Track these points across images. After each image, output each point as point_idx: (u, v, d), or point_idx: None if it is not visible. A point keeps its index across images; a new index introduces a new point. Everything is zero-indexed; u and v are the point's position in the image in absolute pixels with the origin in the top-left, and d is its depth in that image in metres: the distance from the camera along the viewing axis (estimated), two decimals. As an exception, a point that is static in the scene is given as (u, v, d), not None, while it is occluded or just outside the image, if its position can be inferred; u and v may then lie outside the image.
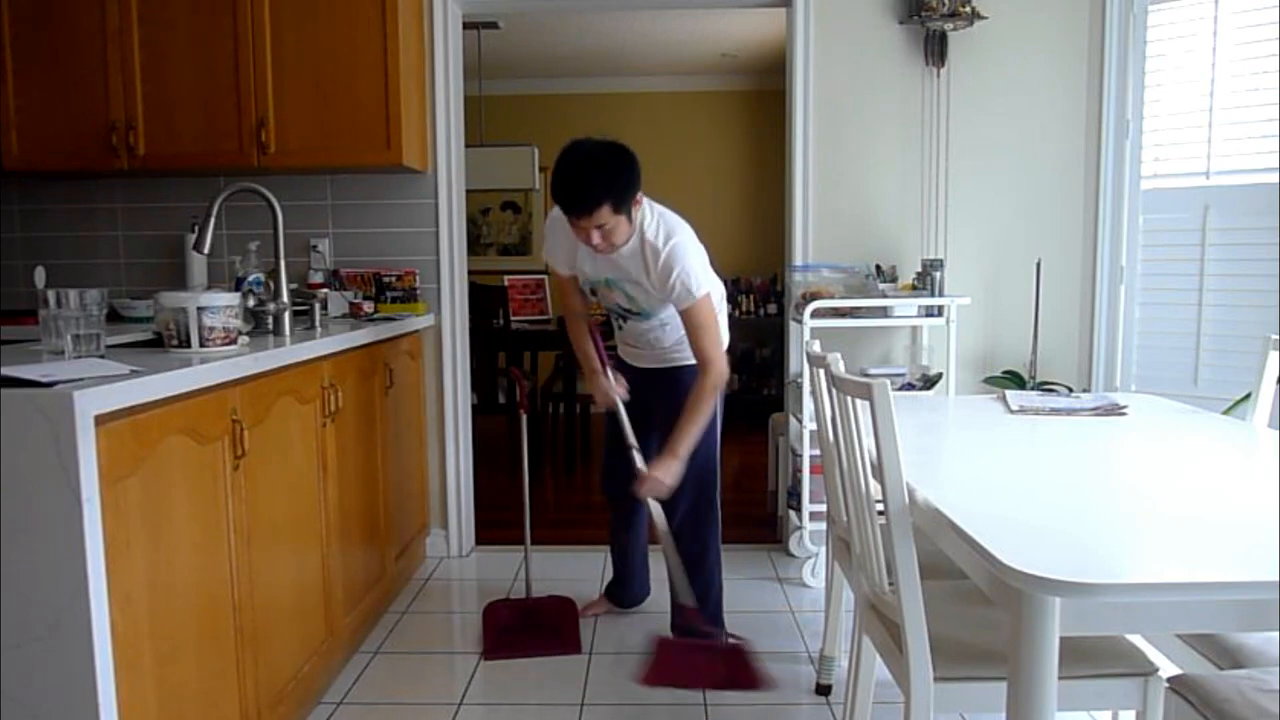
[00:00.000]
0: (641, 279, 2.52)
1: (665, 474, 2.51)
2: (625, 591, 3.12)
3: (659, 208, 2.56)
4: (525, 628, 2.93)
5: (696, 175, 7.03)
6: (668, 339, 2.69)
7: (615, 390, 2.74)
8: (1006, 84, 3.56)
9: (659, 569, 3.17)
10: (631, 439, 2.66)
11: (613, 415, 2.79)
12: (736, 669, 2.53)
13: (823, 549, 3.20)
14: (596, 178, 2.33)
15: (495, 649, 2.81)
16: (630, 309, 2.66)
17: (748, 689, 2.49)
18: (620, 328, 2.80)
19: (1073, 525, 1.48)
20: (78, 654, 1.45)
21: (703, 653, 2.60)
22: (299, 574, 2.33)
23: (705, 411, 2.51)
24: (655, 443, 2.68)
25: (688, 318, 2.48)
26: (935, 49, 3.51)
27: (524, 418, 2.99)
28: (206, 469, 1.85)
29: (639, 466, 2.61)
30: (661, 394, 2.72)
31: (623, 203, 2.36)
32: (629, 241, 2.48)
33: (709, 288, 2.48)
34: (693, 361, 2.65)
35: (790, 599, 3.23)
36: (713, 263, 2.78)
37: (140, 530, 1.60)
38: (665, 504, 2.72)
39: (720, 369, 2.51)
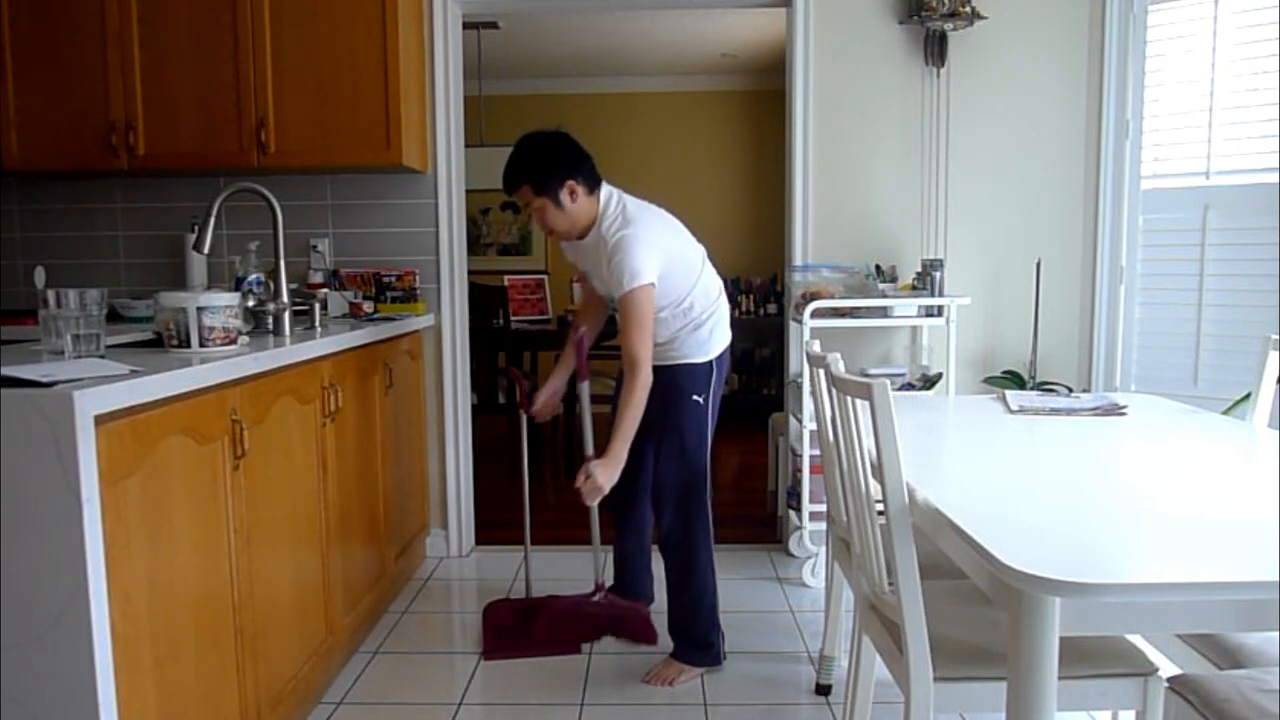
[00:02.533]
0: (602, 270, 2.57)
1: (605, 476, 2.49)
2: (628, 595, 3.11)
3: (632, 203, 2.60)
4: (525, 627, 2.93)
5: (696, 175, 7.03)
6: (660, 337, 2.64)
7: (539, 402, 2.84)
8: (1006, 84, 3.56)
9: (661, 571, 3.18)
10: (589, 447, 2.68)
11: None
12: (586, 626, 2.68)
13: (823, 549, 3.20)
14: (516, 161, 2.54)
15: (495, 649, 2.82)
16: (610, 304, 2.71)
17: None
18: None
19: (1073, 525, 1.48)
20: (78, 654, 1.45)
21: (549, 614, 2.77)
22: (299, 574, 2.33)
23: (633, 414, 2.48)
24: (651, 441, 2.68)
25: (619, 306, 2.50)
26: (935, 49, 3.51)
27: (524, 417, 2.99)
28: (206, 469, 1.85)
29: (587, 466, 2.55)
30: (656, 390, 2.65)
31: (542, 186, 2.51)
32: (590, 233, 2.58)
33: (647, 281, 2.46)
34: (683, 361, 2.66)
35: (790, 599, 3.23)
36: (712, 261, 2.79)
37: (140, 530, 1.60)
38: (653, 508, 2.74)
39: (644, 373, 2.48)
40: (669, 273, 2.55)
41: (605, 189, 2.60)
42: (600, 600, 2.84)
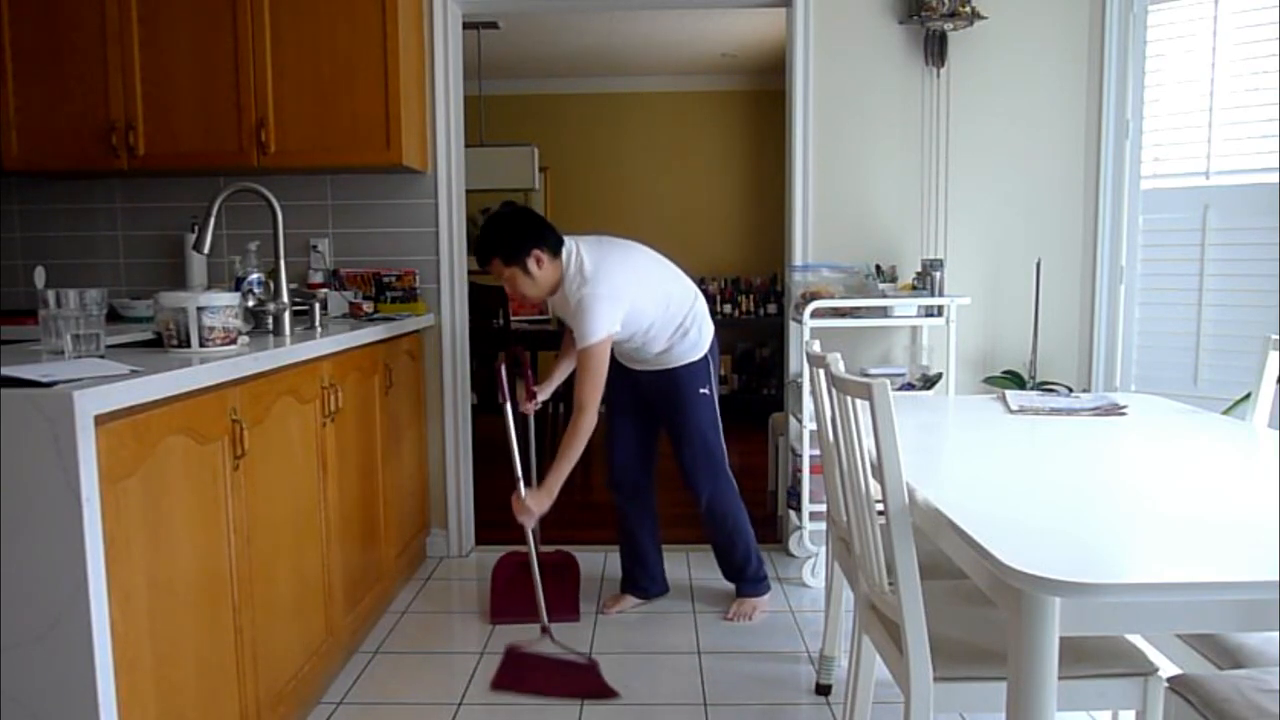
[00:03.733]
0: (571, 324, 2.81)
1: (535, 503, 2.74)
2: (642, 587, 3.17)
3: (590, 256, 2.78)
4: (529, 586, 3.01)
5: (696, 175, 7.03)
6: (652, 349, 2.93)
7: (526, 404, 3.06)
8: (1006, 84, 3.56)
9: (673, 567, 3.22)
10: (518, 470, 2.86)
11: (616, 414, 3.06)
12: (582, 682, 2.58)
13: (823, 549, 3.20)
14: (485, 238, 2.80)
15: (501, 611, 2.99)
16: None
17: (592, 698, 2.51)
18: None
19: (1073, 525, 1.48)
20: (78, 653, 1.45)
21: (551, 665, 2.67)
22: (299, 574, 2.33)
23: (572, 453, 2.72)
24: (655, 431, 3.05)
25: (578, 358, 2.74)
26: (935, 49, 3.51)
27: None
28: (206, 469, 1.85)
29: (519, 491, 2.79)
30: (659, 392, 2.99)
31: (512, 257, 2.76)
32: (559, 291, 2.81)
33: (602, 337, 2.70)
34: (682, 363, 2.93)
35: (790, 599, 3.23)
36: (687, 269, 3.02)
37: (140, 530, 1.60)
38: (690, 488, 3.00)
39: (589, 418, 2.72)
40: (638, 308, 2.79)
41: (566, 247, 2.81)
42: (553, 650, 2.75)
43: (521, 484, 2.82)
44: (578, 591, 3.07)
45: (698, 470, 2.98)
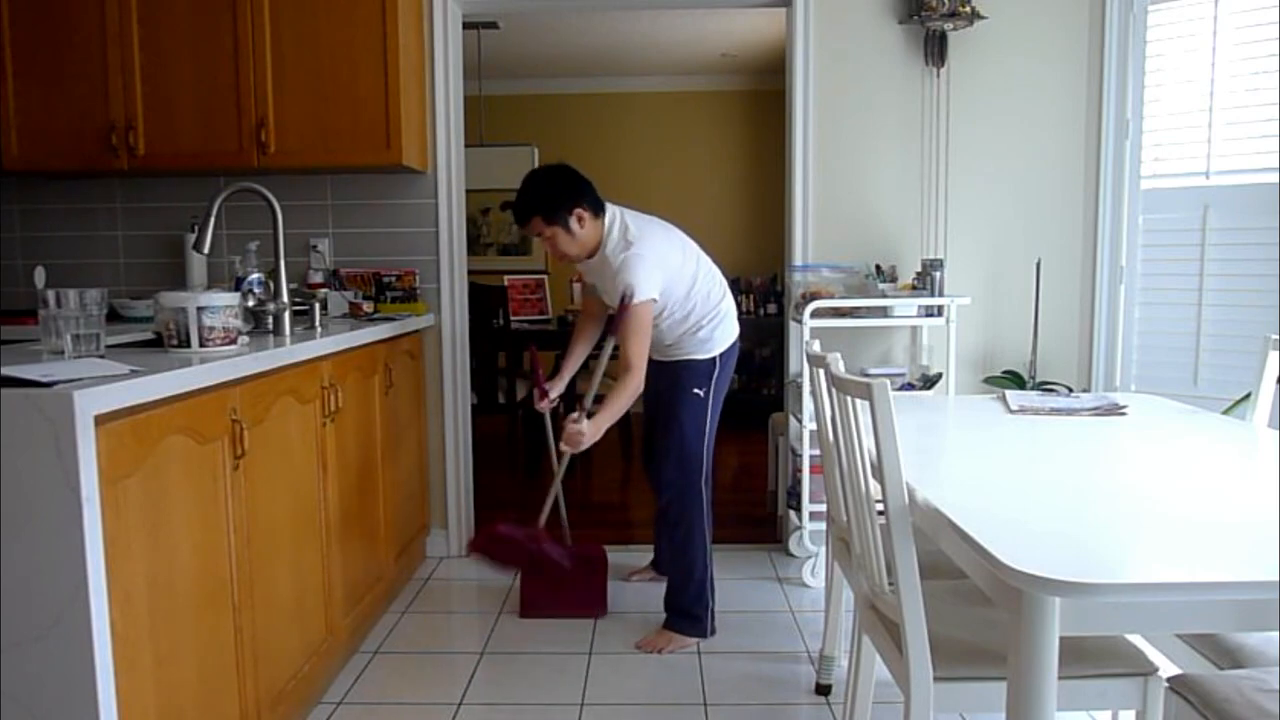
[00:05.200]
0: (609, 287, 2.78)
1: (581, 429, 2.70)
2: (659, 566, 3.26)
3: (634, 222, 2.76)
4: (558, 580, 3.07)
5: (696, 175, 7.03)
6: (665, 340, 2.88)
7: (541, 402, 3.07)
8: (1006, 84, 3.56)
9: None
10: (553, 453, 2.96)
11: (645, 402, 3.03)
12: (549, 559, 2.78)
13: (823, 549, 3.20)
14: (526, 195, 2.72)
15: (532, 605, 3.05)
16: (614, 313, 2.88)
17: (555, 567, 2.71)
18: None
19: (1073, 525, 1.48)
20: (78, 653, 1.45)
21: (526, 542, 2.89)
22: (299, 574, 2.33)
23: (619, 405, 2.69)
24: (659, 423, 2.95)
25: (626, 316, 2.68)
26: (935, 49, 3.51)
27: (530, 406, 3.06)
28: (206, 469, 1.85)
29: (574, 415, 2.76)
30: (664, 382, 2.92)
31: (552, 216, 2.68)
32: (597, 254, 2.76)
33: (647, 297, 2.67)
34: (689, 357, 2.87)
35: (790, 599, 3.23)
36: (714, 260, 2.97)
37: (140, 530, 1.60)
38: (653, 487, 2.98)
39: (636, 378, 2.68)
40: (667, 289, 2.74)
41: (609, 211, 2.76)
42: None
43: (585, 414, 2.76)
44: (605, 586, 3.07)
45: (666, 468, 2.87)
